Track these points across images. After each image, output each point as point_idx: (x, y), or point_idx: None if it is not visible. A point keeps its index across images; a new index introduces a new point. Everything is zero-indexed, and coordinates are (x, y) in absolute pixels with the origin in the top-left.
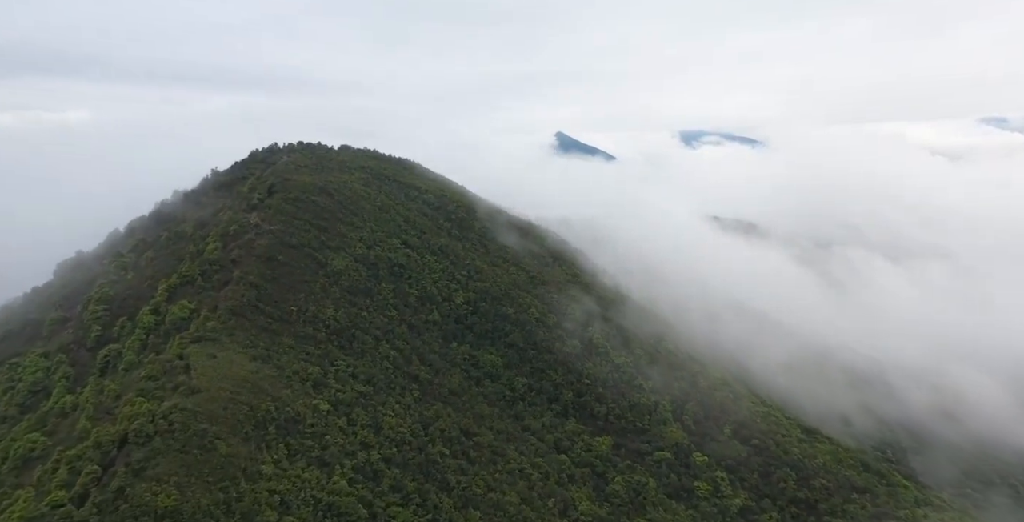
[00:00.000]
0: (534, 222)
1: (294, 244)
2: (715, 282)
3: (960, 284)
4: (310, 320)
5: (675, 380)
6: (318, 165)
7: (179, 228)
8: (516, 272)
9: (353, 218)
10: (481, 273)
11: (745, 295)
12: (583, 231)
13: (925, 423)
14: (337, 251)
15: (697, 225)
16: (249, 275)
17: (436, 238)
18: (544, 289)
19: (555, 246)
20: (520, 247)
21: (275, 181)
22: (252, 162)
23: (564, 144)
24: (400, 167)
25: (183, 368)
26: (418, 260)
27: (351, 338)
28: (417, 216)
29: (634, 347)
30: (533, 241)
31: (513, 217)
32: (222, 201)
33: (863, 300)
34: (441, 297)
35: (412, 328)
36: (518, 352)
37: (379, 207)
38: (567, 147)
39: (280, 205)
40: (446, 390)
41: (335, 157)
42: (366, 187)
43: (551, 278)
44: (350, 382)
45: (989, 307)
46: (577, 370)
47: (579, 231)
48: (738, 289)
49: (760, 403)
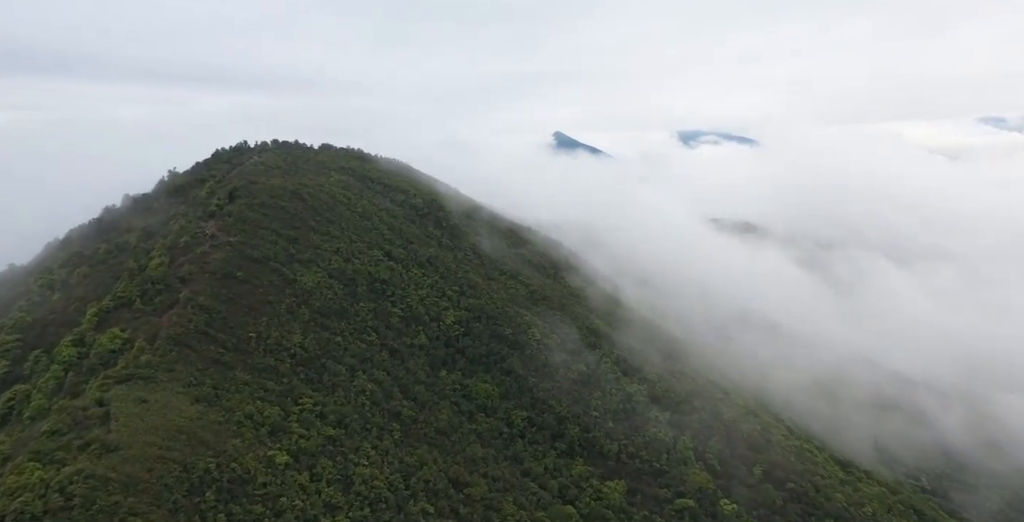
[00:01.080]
0: (533, 228)
1: (257, 258)
2: (720, 289)
3: (970, 289)
4: (272, 348)
5: (694, 410)
6: (292, 166)
7: (121, 239)
8: (514, 286)
9: (329, 227)
10: (475, 288)
11: (752, 302)
12: (583, 235)
13: (957, 445)
14: (308, 265)
15: (698, 228)
16: (200, 296)
17: (424, 248)
18: (545, 305)
19: (556, 255)
20: (518, 257)
21: (238, 184)
22: (216, 163)
23: (563, 144)
24: (387, 169)
25: (101, 417)
26: (403, 274)
27: (321, 369)
28: (404, 224)
29: (646, 371)
30: (532, 250)
31: (511, 223)
32: (175, 208)
33: (874, 307)
34: (429, 317)
35: (395, 354)
36: (516, 380)
37: (360, 214)
38: (565, 147)
39: (242, 212)
40: (432, 429)
41: (313, 157)
42: (346, 191)
43: (553, 292)
44: (316, 425)
45: (1004, 314)
46: (584, 400)
47: (579, 235)
48: (744, 296)
49: (790, 434)
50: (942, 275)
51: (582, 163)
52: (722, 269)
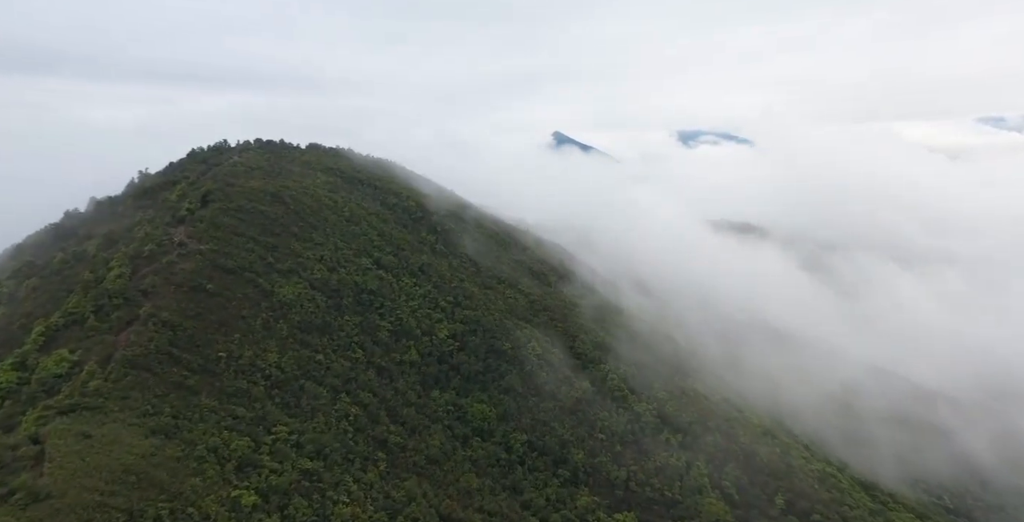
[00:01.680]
0: (533, 231)
1: (230, 268)
2: (723, 294)
3: (976, 292)
4: (244, 369)
5: (708, 432)
6: (275, 167)
7: (80, 247)
8: (513, 296)
9: (312, 233)
10: (471, 298)
11: (756, 308)
12: (582, 237)
13: (979, 461)
14: (288, 276)
15: (699, 230)
16: (163, 311)
17: (416, 256)
18: (546, 316)
19: (555, 261)
20: (517, 264)
21: (213, 187)
22: (191, 163)
23: (562, 144)
24: (379, 170)
25: (34, 457)
26: (393, 284)
27: (299, 392)
28: (395, 229)
29: (655, 388)
30: (532, 256)
31: (509, 226)
32: (142, 212)
33: (881, 312)
34: (421, 330)
35: (382, 373)
36: (515, 399)
37: (347, 219)
38: (564, 147)
39: (216, 217)
40: (423, 457)
41: (298, 158)
42: (332, 194)
43: (554, 302)
44: (291, 457)
45: (1014, 319)
46: (588, 421)
47: (578, 237)
48: (748, 301)
49: (810, 456)
50: (947, 278)
51: (581, 163)
52: (725, 273)
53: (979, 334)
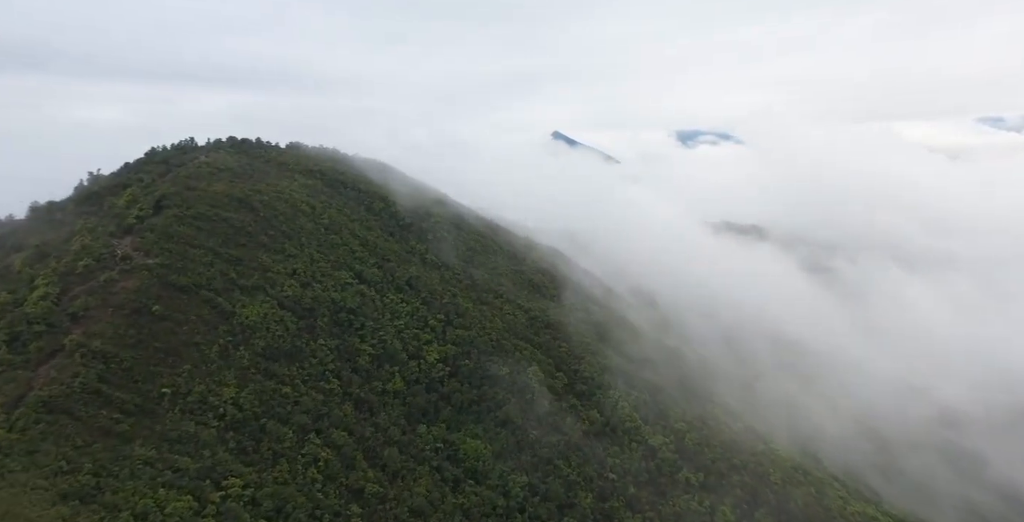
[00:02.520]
0: (532, 237)
1: (183, 285)
2: (728, 300)
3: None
4: (193, 408)
5: (733, 470)
6: (247, 169)
7: (6, 261)
8: (512, 312)
9: (285, 243)
10: (464, 316)
11: (764, 314)
12: (582, 242)
13: (1017, 486)
14: (253, 293)
15: (701, 233)
16: (95, 339)
17: (404, 267)
18: (549, 335)
19: (557, 270)
20: (516, 275)
21: (169, 191)
22: (149, 164)
23: (561, 143)
24: (366, 171)
25: None
26: (376, 301)
27: (259, 434)
28: (380, 237)
29: (671, 417)
30: (532, 266)
31: (508, 233)
32: (83, 220)
33: (891, 318)
34: (407, 354)
35: (361, 406)
36: (514, 433)
37: (326, 227)
38: (564, 146)
39: (170, 226)
40: (405, 509)
41: (276, 158)
42: (311, 198)
43: (557, 318)
44: (244, 519)
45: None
46: (598, 458)
47: (579, 242)
48: (755, 308)
49: (847, 495)
50: (953, 281)
51: (580, 163)
52: (728, 278)
53: (994, 343)
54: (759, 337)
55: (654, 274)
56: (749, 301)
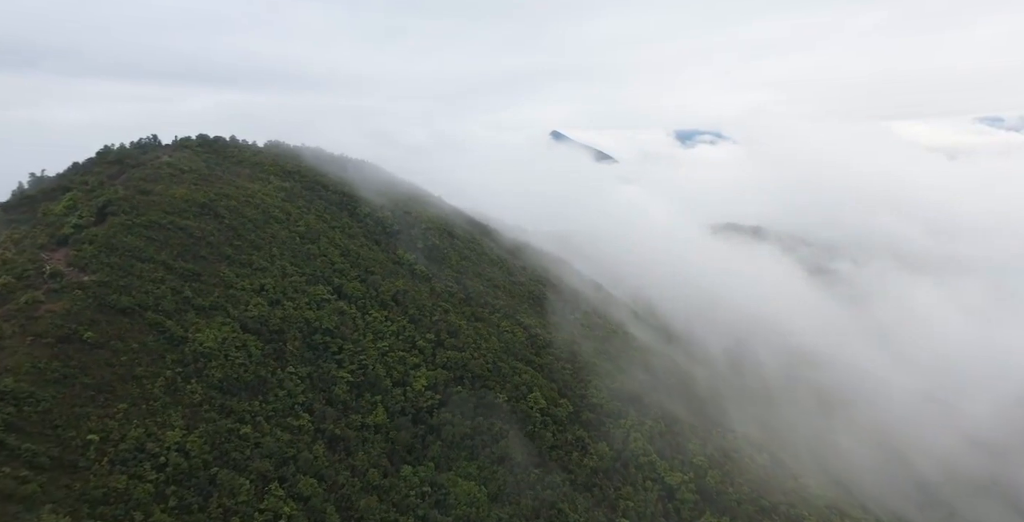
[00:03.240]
0: (531, 243)
1: (125, 307)
2: (733, 307)
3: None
4: (127, 458)
5: (763, 513)
6: (215, 170)
7: None
8: (510, 329)
9: (253, 255)
10: (458, 335)
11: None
12: (582, 246)
13: None
14: (211, 314)
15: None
16: (8, 376)
17: (390, 280)
18: (551, 355)
19: (558, 278)
20: (515, 286)
21: (118, 195)
22: (101, 164)
23: (560, 143)
24: (351, 173)
25: None
26: (357, 320)
27: (207, 488)
28: (364, 246)
29: (691, 450)
30: (531, 275)
31: (506, 239)
32: (11, 229)
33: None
34: (392, 380)
35: (335, 445)
36: (513, 472)
37: (302, 235)
38: (562, 146)
39: (115, 236)
40: None
41: (251, 158)
42: (287, 203)
43: (561, 335)
44: None
45: None
46: (608, 500)
47: (578, 246)
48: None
49: None
50: (963, 286)
51: (579, 164)
52: (733, 285)
53: (1012, 353)
54: (768, 348)
55: (654, 279)
56: (755, 308)
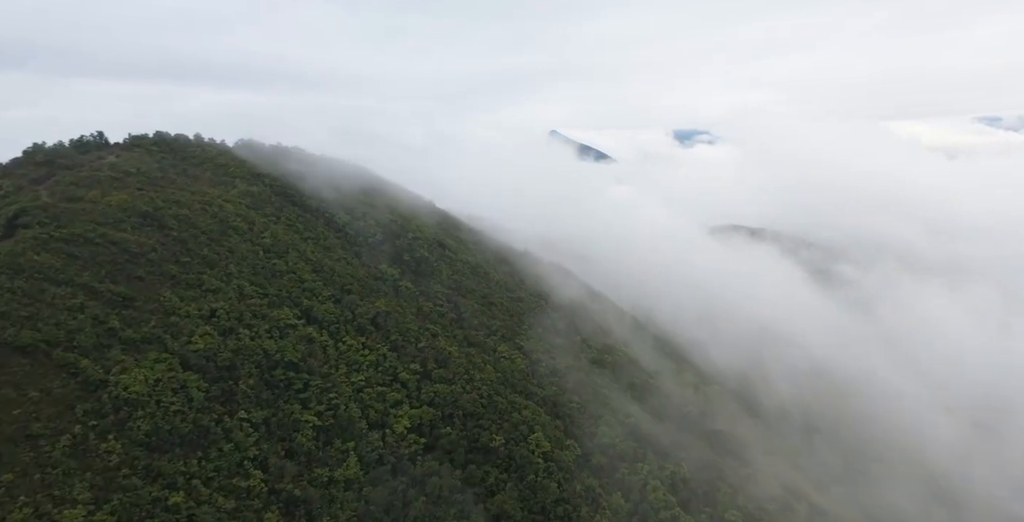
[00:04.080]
0: (531, 252)
1: (27, 344)
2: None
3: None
4: None
5: None
6: (169, 173)
7: None
8: (509, 354)
9: (204, 274)
10: (448, 365)
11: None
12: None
13: None
14: (142, 350)
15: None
16: None
17: (370, 300)
18: (556, 386)
19: (563, 294)
20: (515, 303)
21: (36, 203)
22: (28, 165)
23: (559, 143)
24: (332, 176)
25: None
26: (329, 349)
27: None
28: (341, 261)
29: (721, 503)
30: (531, 290)
31: (503, 248)
32: None
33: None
34: (368, 423)
35: (293, 509)
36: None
37: (267, 248)
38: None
39: (23, 254)
40: None
41: (214, 159)
42: (252, 211)
43: (565, 361)
44: None
45: None
46: None
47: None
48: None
49: None
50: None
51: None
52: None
53: None
54: (784, 365)
55: (656, 285)
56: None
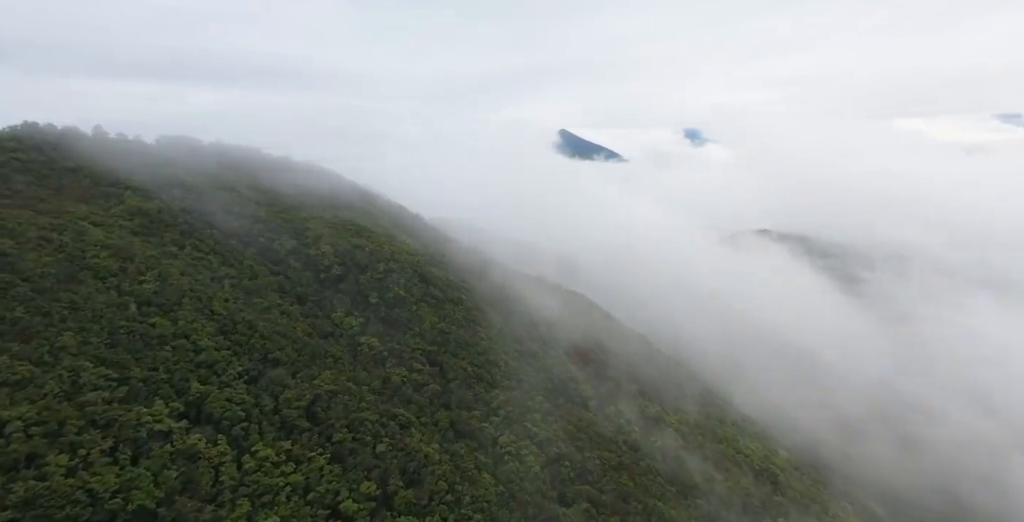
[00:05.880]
0: (546, 277)
1: None
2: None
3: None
4: None
5: None
6: (13, 183)
7: None
8: (517, 449)
9: (16, 345)
10: (422, 480)
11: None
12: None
13: None
14: None
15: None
16: None
17: (307, 376)
18: (588, 500)
19: (590, 333)
20: (525, 355)
21: None
22: None
23: (568, 143)
24: (294, 182)
25: None
26: (225, 471)
27: None
28: (269, 311)
29: None
30: (550, 334)
31: (510, 273)
32: None
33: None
34: None
35: None
36: None
37: (146, 300)
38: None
39: None
40: None
41: (105, 163)
42: (137, 239)
43: (602, 455)
44: None
45: None
46: None
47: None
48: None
49: None
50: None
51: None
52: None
53: None
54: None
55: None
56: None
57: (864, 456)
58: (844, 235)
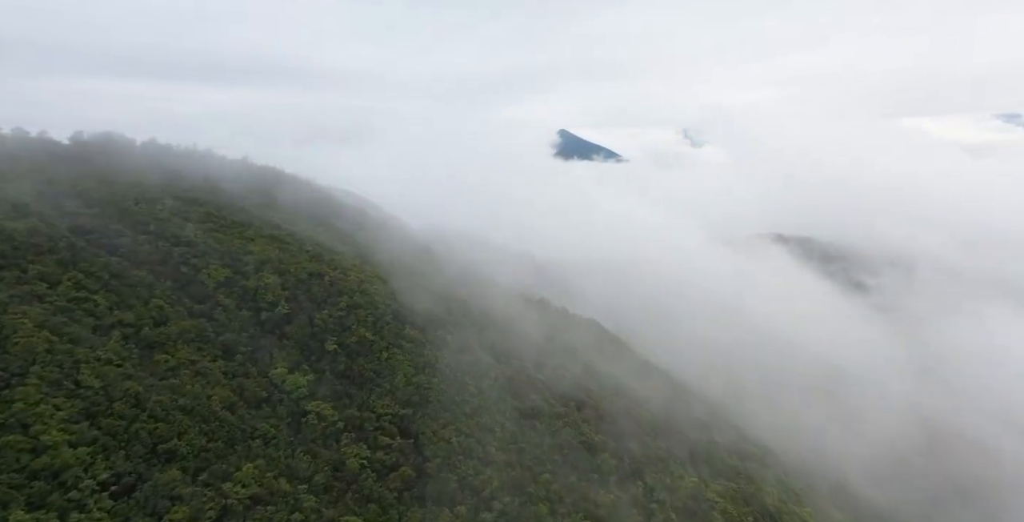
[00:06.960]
0: (550, 302)
1: None
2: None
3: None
4: None
5: None
6: None
7: None
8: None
9: None
10: None
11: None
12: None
13: None
14: None
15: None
16: None
17: (221, 469)
18: None
19: (604, 391)
20: (524, 416)
21: None
22: None
23: (568, 143)
24: (226, 191)
25: None
26: None
27: None
28: (176, 372)
29: None
30: (562, 393)
31: (509, 296)
32: None
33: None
34: None
35: None
36: None
37: None
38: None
39: None
40: None
41: (6, 173)
42: None
43: None
44: None
45: None
46: None
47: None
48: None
49: None
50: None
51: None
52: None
53: None
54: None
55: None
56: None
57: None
58: (846, 237)
